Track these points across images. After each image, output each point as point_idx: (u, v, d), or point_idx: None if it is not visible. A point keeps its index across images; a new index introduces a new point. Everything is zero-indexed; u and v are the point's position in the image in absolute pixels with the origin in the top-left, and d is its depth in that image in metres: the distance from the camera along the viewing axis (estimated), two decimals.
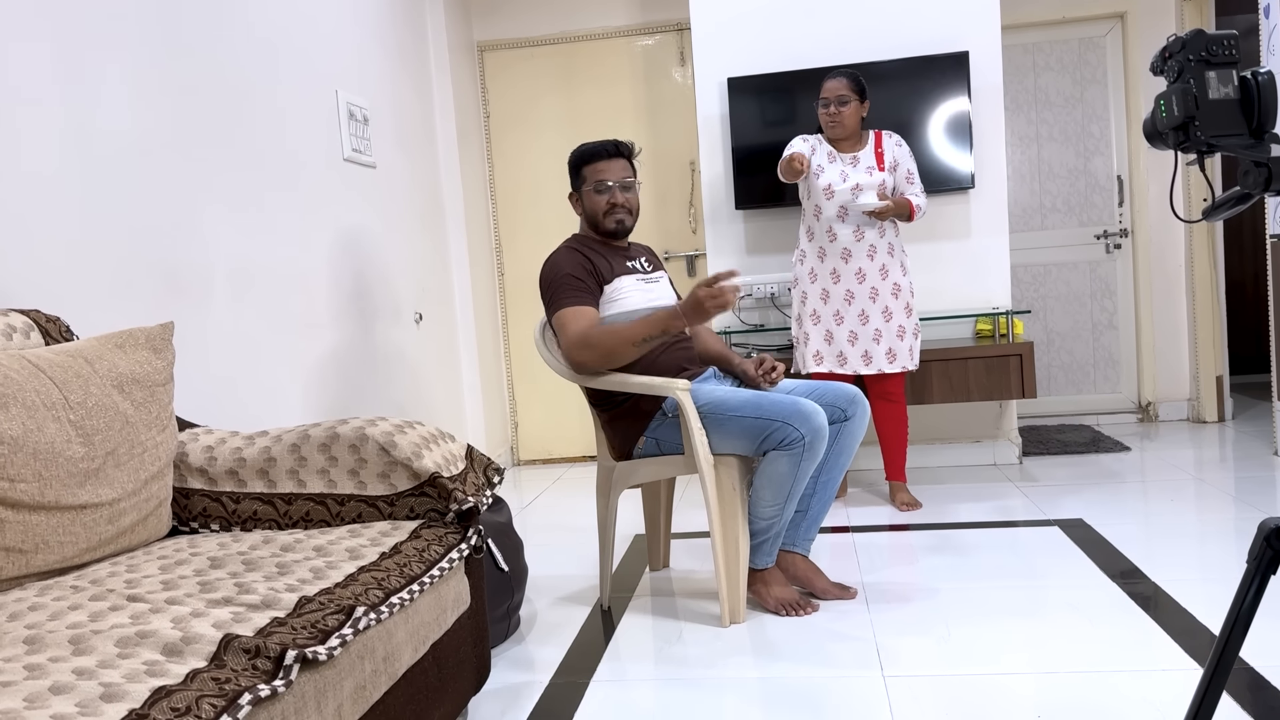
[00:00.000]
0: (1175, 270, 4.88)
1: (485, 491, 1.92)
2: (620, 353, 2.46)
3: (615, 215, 2.64)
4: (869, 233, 3.40)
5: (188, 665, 1.14)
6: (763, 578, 2.56)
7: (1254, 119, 1.21)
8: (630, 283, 2.62)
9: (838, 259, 3.43)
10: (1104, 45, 4.87)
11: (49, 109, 2.09)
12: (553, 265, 2.60)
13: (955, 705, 1.94)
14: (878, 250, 3.41)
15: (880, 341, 3.42)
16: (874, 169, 3.39)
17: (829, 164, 3.42)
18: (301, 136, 3.14)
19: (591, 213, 2.65)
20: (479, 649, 1.91)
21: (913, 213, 3.38)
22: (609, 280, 2.60)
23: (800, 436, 2.35)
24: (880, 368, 3.42)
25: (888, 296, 3.42)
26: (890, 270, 3.42)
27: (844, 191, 3.38)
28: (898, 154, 3.44)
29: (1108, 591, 2.52)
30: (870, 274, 3.41)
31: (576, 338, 2.49)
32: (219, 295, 2.65)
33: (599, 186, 2.63)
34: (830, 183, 3.40)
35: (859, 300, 3.42)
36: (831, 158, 3.43)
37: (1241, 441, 4.32)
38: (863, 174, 3.37)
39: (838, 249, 3.42)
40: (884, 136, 3.47)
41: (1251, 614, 1.24)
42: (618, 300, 2.59)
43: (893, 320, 3.42)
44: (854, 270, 3.42)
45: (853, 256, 3.41)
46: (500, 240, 4.98)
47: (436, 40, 4.43)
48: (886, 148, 3.44)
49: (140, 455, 1.70)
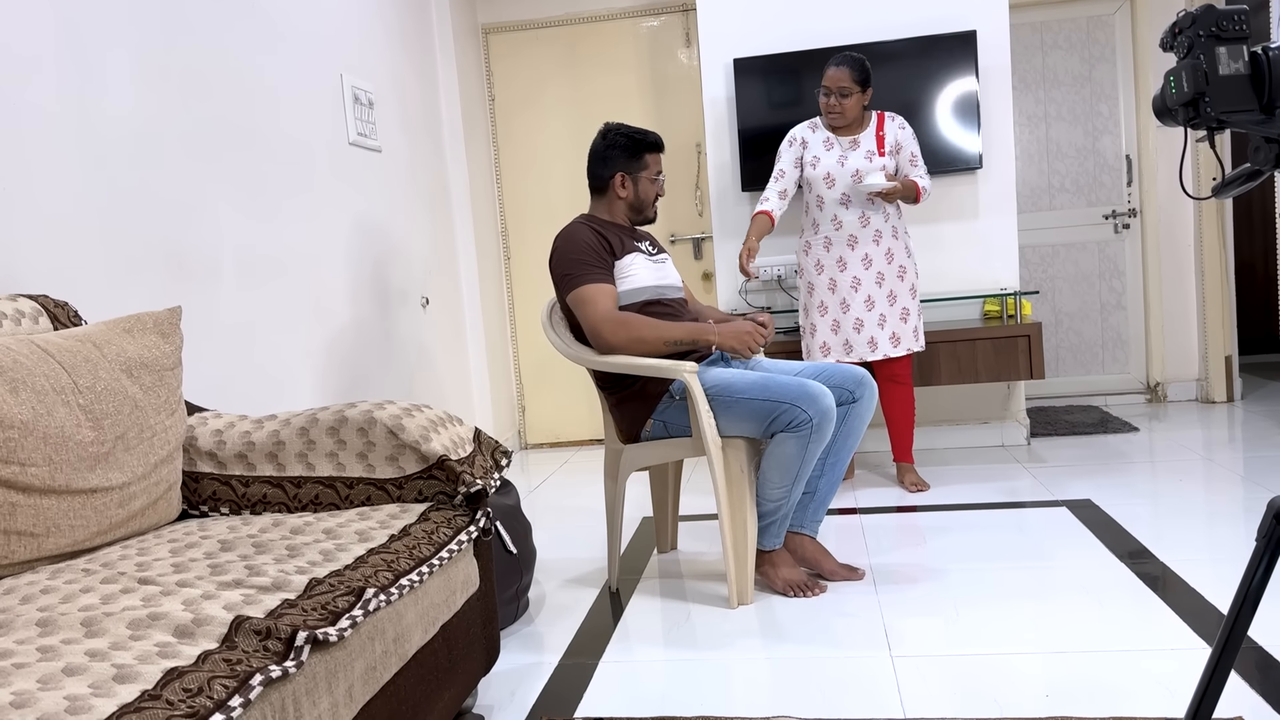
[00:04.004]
0: (1184, 250, 4.86)
1: (493, 474, 1.92)
2: (650, 344, 2.50)
3: (656, 205, 2.75)
4: (874, 217, 3.38)
5: (199, 647, 1.15)
6: (770, 559, 2.56)
7: (1265, 95, 1.20)
8: (640, 260, 2.64)
9: (844, 247, 3.40)
10: (1112, 23, 4.83)
11: (55, 95, 2.09)
12: (569, 241, 2.59)
13: (963, 685, 1.94)
14: (883, 235, 3.39)
15: (885, 326, 3.40)
16: (873, 153, 3.36)
17: (825, 151, 3.40)
18: (307, 120, 3.13)
19: (643, 198, 2.68)
20: (488, 630, 1.92)
21: (919, 194, 3.34)
22: (620, 257, 2.61)
23: (808, 418, 2.35)
24: (886, 353, 3.41)
25: (893, 280, 3.40)
26: (895, 253, 3.40)
27: (844, 177, 3.36)
28: (900, 136, 3.40)
29: (1116, 572, 2.52)
30: (876, 259, 3.39)
31: (612, 317, 2.50)
32: (226, 279, 2.65)
33: (656, 176, 2.68)
34: (829, 170, 3.37)
35: (865, 286, 3.40)
36: (828, 144, 3.40)
37: (1250, 422, 4.31)
38: (861, 159, 3.34)
39: (843, 236, 3.40)
40: (886, 119, 3.42)
41: (1260, 592, 1.24)
42: (628, 276, 2.60)
43: (897, 303, 3.41)
44: (860, 256, 3.39)
45: (859, 243, 3.39)
46: (506, 224, 4.98)
47: (441, 23, 4.42)
48: (888, 130, 3.40)
49: (149, 439, 1.71)
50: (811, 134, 3.44)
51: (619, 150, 2.65)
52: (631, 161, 2.65)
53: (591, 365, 2.57)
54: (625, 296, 2.59)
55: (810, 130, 3.45)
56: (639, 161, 2.65)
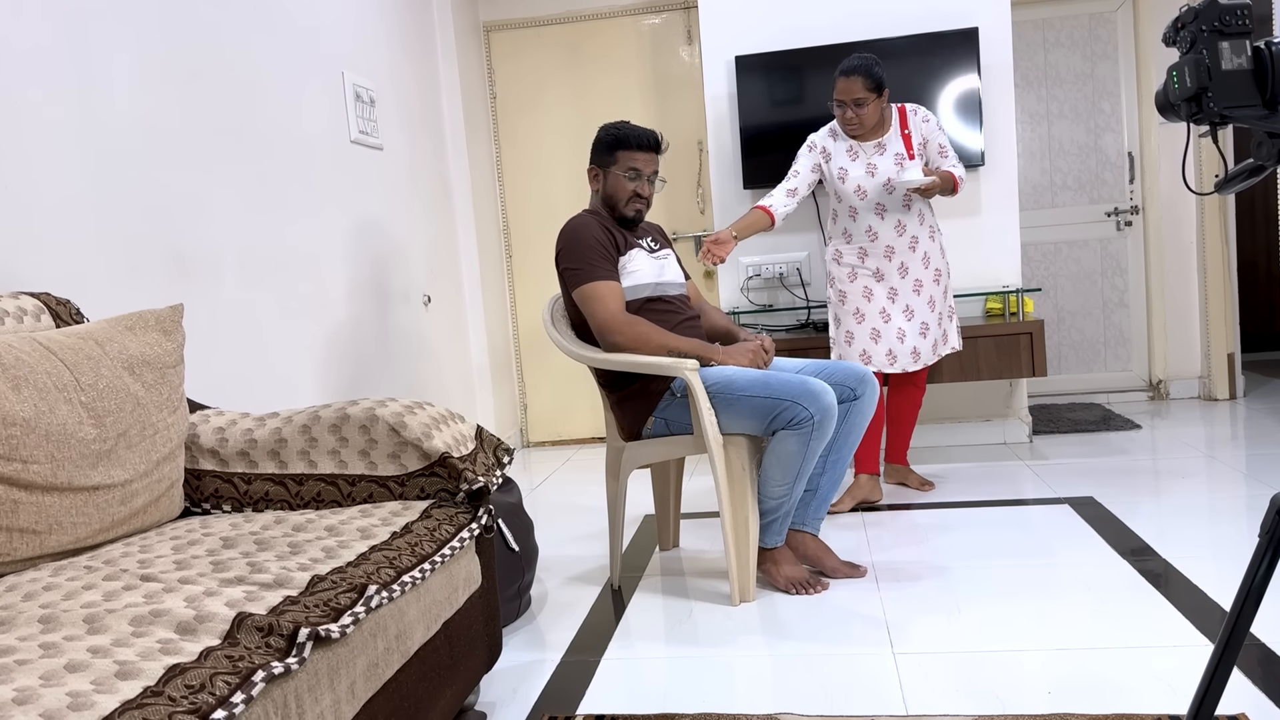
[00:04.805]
0: (1186, 247, 4.85)
1: (495, 471, 1.92)
2: (654, 349, 2.49)
3: (635, 205, 2.65)
4: (910, 223, 3.21)
5: (201, 643, 1.15)
6: (773, 557, 2.56)
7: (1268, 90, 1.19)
8: (642, 256, 2.63)
9: (880, 258, 3.24)
10: (1114, 20, 4.82)
11: (57, 93, 2.09)
12: (576, 234, 2.57)
13: (965, 682, 1.94)
14: (920, 240, 3.23)
15: (927, 335, 3.26)
16: (903, 156, 3.17)
17: (851, 162, 3.20)
18: (308, 118, 3.13)
19: (613, 195, 2.64)
20: (490, 627, 1.92)
21: (956, 185, 3.16)
22: (624, 252, 2.61)
23: (810, 416, 2.35)
24: (927, 361, 3.28)
25: (930, 285, 3.26)
26: (931, 257, 3.26)
27: (876, 188, 3.18)
28: (925, 130, 3.22)
29: (1118, 569, 2.52)
30: (914, 266, 3.23)
31: (621, 316, 2.50)
32: (228, 277, 2.65)
33: (630, 174, 2.61)
34: (859, 183, 3.19)
35: (903, 296, 3.24)
36: (852, 153, 3.21)
37: (1253, 419, 4.30)
38: (890, 165, 3.16)
39: (880, 248, 3.23)
40: (909, 114, 3.23)
41: (1263, 589, 1.24)
42: (631, 272, 2.59)
43: (936, 308, 3.28)
44: (897, 266, 3.23)
45: (895, 253, 3.22)
46: (508, 221, 4.98)
47: (443, 20, 4.41)
48: (913, 126, 3.21)
49: (152, 437, 1.71)
50: (833, 143, 3.26)
51: (598, 144, 2.65)
52: (604, 155, 2.64)
53: (592, 363, 2.57)
54: (626, 293, 2.59)
55: (831, 138, 3.27)
56: (610, 156, 2.62)
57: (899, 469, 3.57)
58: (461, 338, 4.45)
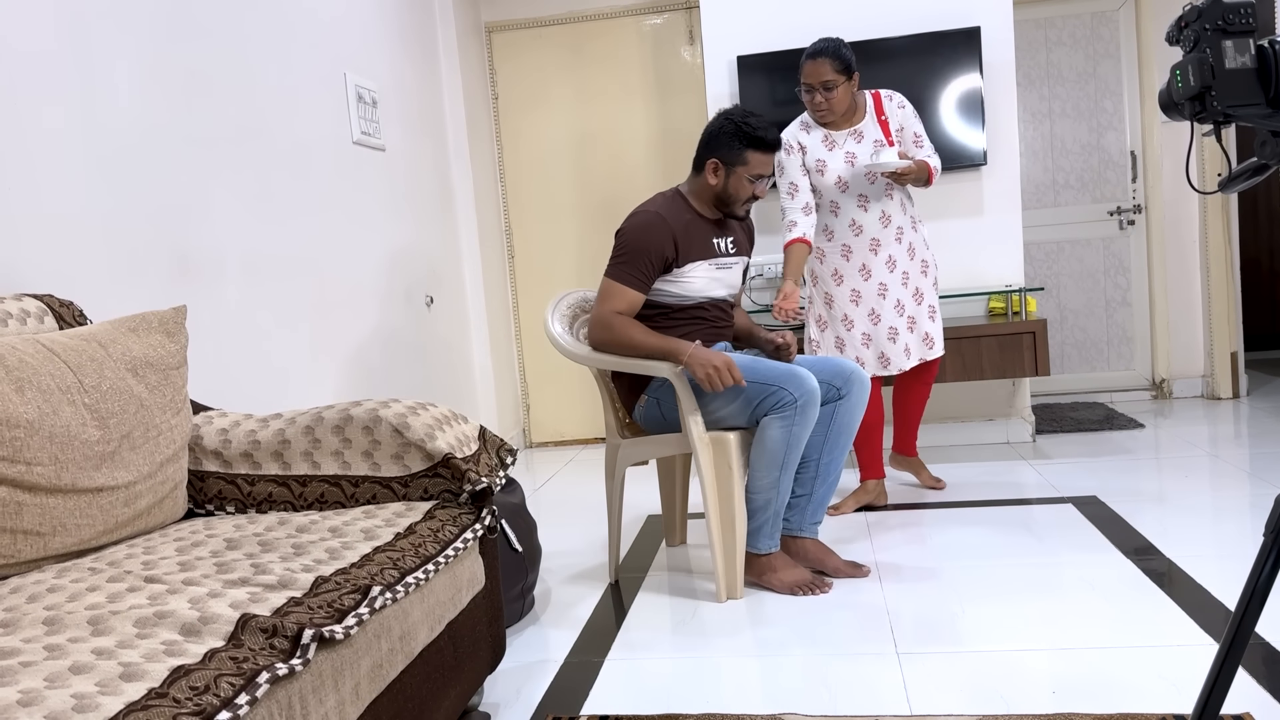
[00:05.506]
0: (1189, 246, 4.84)
1: (498, 472, 1.92)
2: (630, 351, 2.51)
3: (748, 207, 2.65)
4: (894, 214, 3.12)
5: (206, 645, 1.15)
6: (770, 564, 2.55)
7: (1271, 88, 1.19)
8: (703, 270, 2.60)
9: (866, 252, 3.14)
10: (1117, 19, 4.82)
11: (59, 95, 2.09)
12: (643, 231, 2.52)
13: (969, 682, 1.94)
14: (904, 230, 3.15)
15: (915, 329, 3.19)
16: (881, 143, 3.07)
17: (828, 153, 3.09)
18: (310, 119, 3.14)
19: (732, 195, 2.58)
20: (494, 628, 1.92)
21: (931, 175, 3.05)
22: (682, 264, 2.56)
23: (793, 399, 2.36)
24: (921, 356, 3.21)
25: (917, 276, 3.19)
26: (916, 248, 3.19)
27: (857, 178, 3.09)
28: (902, 117, 3.12)
29: (1122, 568, 2.52)
30: (900, 258, 3.15)
31: (617, 319, 2.51)
32: (230, 279, 2.65)
33: (757, 177, 2.57)
34: (838, 174, 3.09)
35: (893, 290, 3.15)
36: (828, 143, 3.10)
37: (1256, 418, 4.29)
38: (868, 153, 3.08)
39: (864, 241, 3.14)
40: (883, 100, 3.12)
41: (1268, 588, 1.24)
42: (682, 282, 2.58)
43: (924, 301, 3.20)
44: (884, 260, 3.14)
45: (881, 245, 3.13)
46: (510, 223, 4.98)
47: (444, 21, 4.41)
48: (889, 112, 3.11)
49: (155, 438, 1.71)
50: (806, 135, 3.13)
51: (726, 136, 2.54)
52: (731, 152, 2.54)
53: (587, 363, 2.60)
54: (668, 298, 2.60)
55: (804, 131, 3.13)
56: (739, 155, 2.53)
57: (909, 460, 3.51)
58: (464, 338, 4.45)
